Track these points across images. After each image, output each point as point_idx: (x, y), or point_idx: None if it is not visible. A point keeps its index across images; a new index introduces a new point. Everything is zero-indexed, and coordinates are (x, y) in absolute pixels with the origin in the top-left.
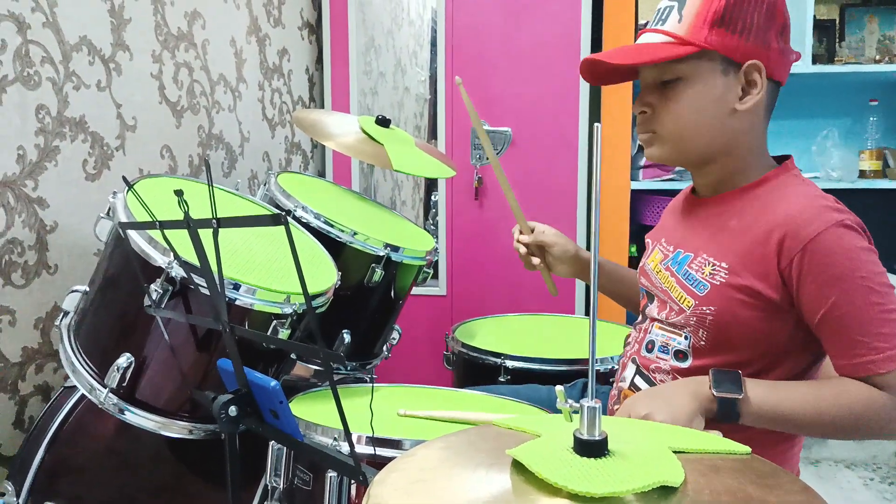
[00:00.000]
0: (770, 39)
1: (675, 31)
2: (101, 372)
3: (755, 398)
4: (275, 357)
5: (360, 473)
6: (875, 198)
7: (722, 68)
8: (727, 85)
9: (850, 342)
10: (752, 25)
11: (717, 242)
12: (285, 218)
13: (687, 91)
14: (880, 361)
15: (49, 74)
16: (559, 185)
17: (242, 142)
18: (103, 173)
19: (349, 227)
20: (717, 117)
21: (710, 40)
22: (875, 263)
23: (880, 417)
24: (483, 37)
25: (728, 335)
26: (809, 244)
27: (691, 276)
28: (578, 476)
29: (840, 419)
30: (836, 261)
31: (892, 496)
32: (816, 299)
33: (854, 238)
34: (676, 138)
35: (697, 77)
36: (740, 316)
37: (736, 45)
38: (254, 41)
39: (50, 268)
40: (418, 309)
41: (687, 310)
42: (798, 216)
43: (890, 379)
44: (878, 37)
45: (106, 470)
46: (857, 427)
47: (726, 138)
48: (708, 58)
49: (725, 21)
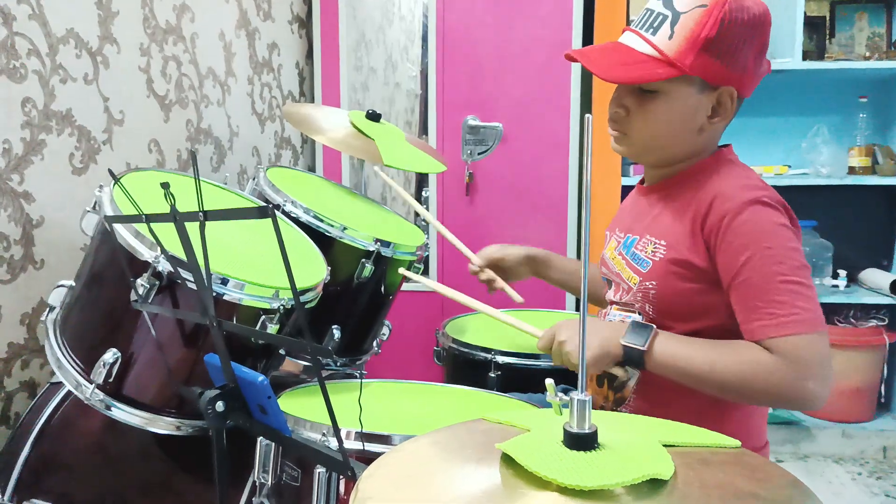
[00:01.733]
0: (747, 63)
1: (665, 49)
2: (87, 368)
3: (658, 351)
4: (263, 353)
5: (348, 468)
6: (864, 194)
7: (698, 89)
8: (700, 105)
9: (751, 307)
10: (735, 51)
11: (658, 223)
12: (272, 210)
13: (663, 106)
14: (772, 327)
15: (35, 67)
16: (550, 181)
17: (231, 136)
18: (90, 167)
19: (339, 222)
20: (686, 133)
21: (693, 66)
22: (787, 238)
23: (763, 379)
24: (474, 32)
25: (670, 308)
26: (727, 216)
27: (637, 255)
28: (568, 469)
29: (728, 378)
30: (746, 231)
31: (879, 490)
32: (728, 267)
33: (768, 213)
34: (645, 145)
35: (674, 95)
36: (678, 288)
37: (716, 71)
38: (243, 35)
39: (36, 263)
40: (409, 305)
41: (633, 287)
42: (722, 193)
43: (780, 344)
44: (868, 34)
45: (93, 466)
46: (742, 386)
47: (690, 150)
48: (688, 80)
49: (712, 48)
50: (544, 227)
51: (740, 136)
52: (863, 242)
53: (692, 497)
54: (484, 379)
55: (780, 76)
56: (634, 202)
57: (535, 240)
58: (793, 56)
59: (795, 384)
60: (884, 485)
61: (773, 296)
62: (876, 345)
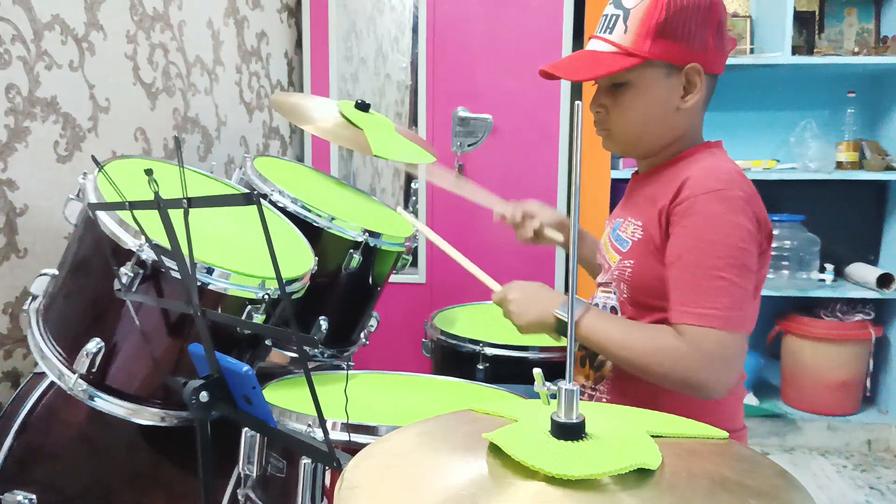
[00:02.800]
0: (707, 40)
1: (621, 43)
2: (71, 357)
3: (584, 325)
4: (249, 343)
5: (333, 459)
6: (851, 189)
7: (665, 73)
8: (670, 87)
9: (677, 289)
10: (690, 31)
11: (638, 206)
12: (257, 197)
13: (635, 96)
14: (687, 314)
15: (20, 53)
16: (540, 173)
17: (219, 125)
18: (75, 155)
19: (327, 212)
20: (663, 117)
21: (652, 51)
22: (735, 236)
23: (664, 362)
24: (465, 23)
25: (642, 287)
26: (685, 202)
27: (619, 237)
28: (555, 459)
29: (638, 356)
30: (696, 220)
31: (864, 483)
32: (672, 247)
33: (724, 207)
34: (628, 137)
35: (643, 83)
36: (651, 268)
37: (676, 52)
38: (232, 23)
39: (20, 251)
40: (397, 296)
41: (612, 265)
42: (690, 179)
43: (689, 331)
44: (857, 29)
45: (77, 457)
46: (648, 365)
47: (672, 133)
48: (652, 66)
49: (666, 31)
50: None
51: (729, 131)
52: (850, 237)
53: (679, 487)
54: (472, 370)
55: (769, 70)
56: (629, 191)
57: None
58: (782, 50)
59: (690, 372)
60: (868, 477)
61: (699, 285)
62: (862, 339)
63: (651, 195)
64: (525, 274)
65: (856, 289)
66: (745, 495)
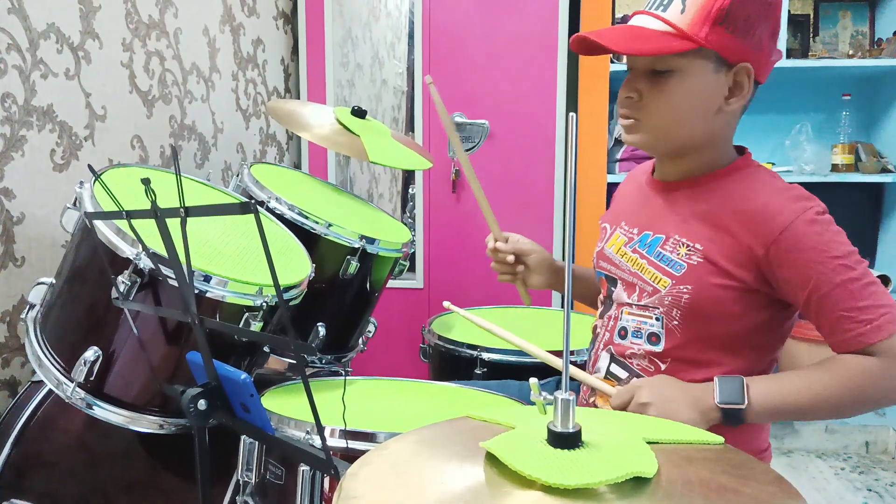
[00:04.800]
0: (763, 41)
1: (677, 23)
2: (68, 366)
3: (757, 400)
4: (247, 350)
5: (331, 467)
6: (847, 191)
7: (714, 67)
8: (717, 83)
9: (837, 319)
10: (750, 26)
11: (689, 225)
12: (254, 206)
13: (679, 85)
14: (868, 332)
15: (15, 62)
16: (536, 178)
17: (216, 133)
18: (72, 164)
19: (324, 219)
20: (703, 114)
21: (710, 39)
22: (844, 243)
23: (880, 386)
24: (461, 29)
25: (702, 314)
26: (784, 233)
27: (665, 256)
28: (552, 468)
29: (842, 398)
30: (809, 245)
31: (861, 485)
32: (797, 283)
33: (824, 223)
34: (661, 130)
35: (690, 73)
36: (715, 295)
37: (732, 46)
38: (227, 30)
39: (17, 260)
40: (395, 302)
41: (662, 290)
42: (770, 206)
43: (881, 347)
44: (852, 32)
45: (75, 466)
46: (860, 400)
47: (707, 134)
48: (703, 56)
49: (727, 20)
50: (530, 224)
51: None
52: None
53: (675, 495)
54: (470, 376)
55: None
56: (646, 197)
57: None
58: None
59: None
60: (866, 479)
61: (857, 303)
62: None
63: (709, 217)
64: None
65: None
66: (741, 502)
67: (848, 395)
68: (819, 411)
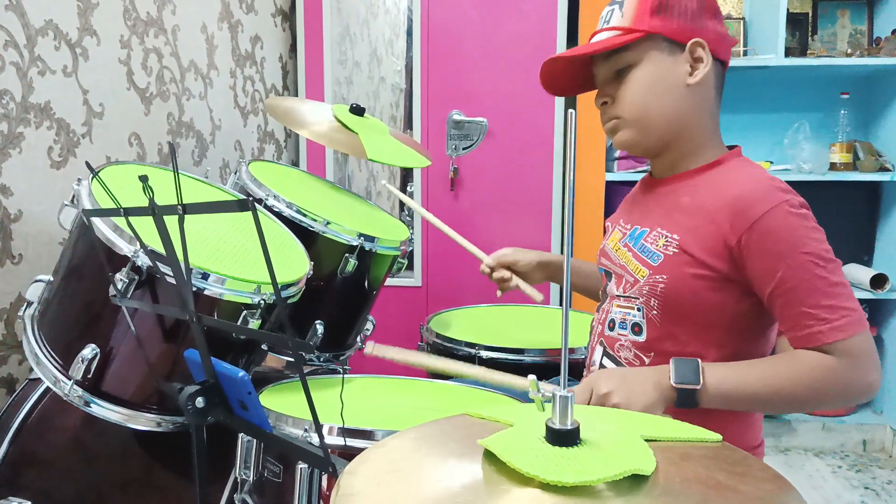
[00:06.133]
0: (706, 22)
1: (620, 24)
2: (66, 363)
3: (712, 384)
4: (245, 348)
5: (329, 464)
6: (845, 190)
7: (668, 50)
8: (675, 64)
9: (799, 314)
10: (688, 9)
11: (670, 217)
12: (252, 203)
13: (639, 74)
14: (827, 332)
15: (13, 59)
16: (535, 177)
17: (213, 130)
18: (69, 161)
19: (322, 217)
20: (671, 94)
21: (653, 25)
22: (819, 241)
23: (836, 383)
24: (459, 26)
25: (677, 304)
26: (756, 223)
27: (646, 248)
28: (550, 465)
29: (796, 392)
30: (781, 237)
31: (858, 483)
32: (765, 275)
33: (798, 217)
34: (638, 119)
35: (646, 60)
36: (690, 285)
37: (677, 27)
38: (225, 27)
39: (14, 257)
40: (393, 300)
41: (641, 280)
42: (747, 196)
43: (839, 347)
44: (850, 31)
45: (73, 464)
46: (814, 397)
47: (682, 116)
48: (653, 43)
49: (664, 7)
50: (529, 222)
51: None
52: (844, 238)
53: (673, 492)
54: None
55: (762, 72)
56: (642, 195)
57: (520, 234)
58: (775, 52)
59: (862, 380)
60: (863, 478)
61: (820, 301)
62: None
63: (688, 208)
64: None
65: None
66: (739, 500)
67: (803, 390)
68: (773, 402)
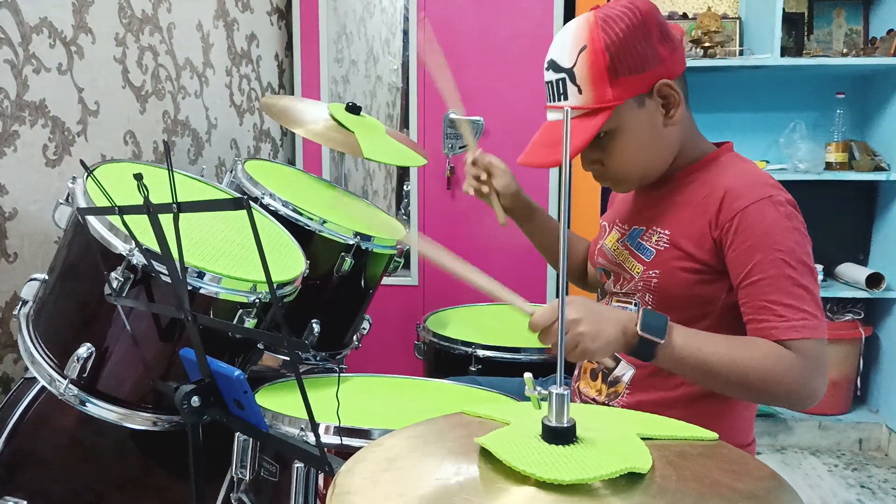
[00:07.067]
0: (658, 52)
1: (584, 104)
2: (61, 362)
3: (675, 344)
4: (241, 347)
5: (326, 463)
6: (841, 190)
7: (638, 104)
8: (649, 113)
9: (759, 307)
10: (640, 56)
11: (664, 215)
12: (247, 201)
13: (622, 138)
14: (782, 329)
15: (7, 57)
16: (531, 176)
17: (209, 128)
18: (64, 159)
19: (318, 216)
20: (657, 140)
21: (617, 94)
22: (796, 242)
23: (782, 376)
24: (456, 25)
25: (670, 297)
26: (738, 215)
27: (641, 245)
28: (546, 463)
29: (750, 375)
30: (757, 232)
31: (855, 482)
32: (737, 266)
33: (780, 213)
34: (635, 174)
35: (623, 124)
36: (680, 278)
37: (638, 83)
38: (221, 26)
39: (9, 256)
40: (390, 299)
41: (636, 276)
42: (735, 188)
43: (791, 345)
44: (846, 30)
45: (68, 463)
46: (763, 384)
47: (671, 149)
48: (622, 106)
49: (619, 70)
50: None
51: (718, 132)
52: (839, 237)
53: (670, 490)
54: (465, 373)
55: (758, 72)
56: (637, 196)
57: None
58: (771, 52)
59: (809, 383)
60: (859, 476)
61: (783, 299)
62: (852, 338)
63: (679, 204)
64: (516, 278)
65: (846, 289)
66: (735, 498)
67: (754, 374)
68: (724, 378)
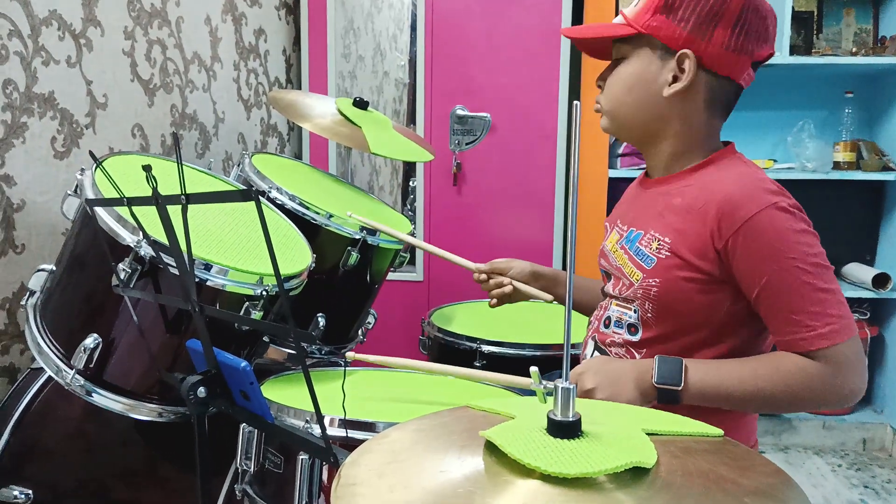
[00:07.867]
0: (713, 32)
1: (627, 13)
2: (68, 353)
3: (694, 383)
4: (247, 339)
5: (331, 455)
6: (849, 189)
7: (660, 54)
8: (661, 70)
9: (784, 320)
10: (693, 16)
11: (662, 219)
12: (256, 193)
13: (624, 70)
14: (812, 339)
15: (17, 49)
16: (537, 172)
17: (217, 122)
18: (72, 151)
19: (325, 210)
20: (646, 99)
21: (647, 25)
22: (808, 245)
23: (815, 389)
24: (463, 21)
25: (670, 307)
26: (744, 225)
27: (641, 251)
28: (551, 457)
29: (778, 394)
30: (767, 241)
31: (858, 482)
32: (751, 278)
33: (787, 220)
34: (613, 112)
35: (635, 59)
36: (681, 288)
37: (672, 33)
38: (229, 20)
39: (17, 247)
40: (395, 294)
41: (636, 283)
42: (735, 197)
43: (822, 354)
44: (855, 29)
45: (74, 453)
46: (794, 400)
47: (659, 121)
48: (649, 42)
49: (668, 8)
50: (531, 218)
51: (726, 131)
52: (846, 237)
53: (675, 485)
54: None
55: (766, 70)
56: (637, 195)
57: (522, 230)
58: (780, 50)
59: (843, 387)
60: (863, 476)
61: (806, 307)
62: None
63: (679, 210)
64: None
65: (852, 289)
66: (740, 494)
67: (782, 393)
68: (752, 403)
